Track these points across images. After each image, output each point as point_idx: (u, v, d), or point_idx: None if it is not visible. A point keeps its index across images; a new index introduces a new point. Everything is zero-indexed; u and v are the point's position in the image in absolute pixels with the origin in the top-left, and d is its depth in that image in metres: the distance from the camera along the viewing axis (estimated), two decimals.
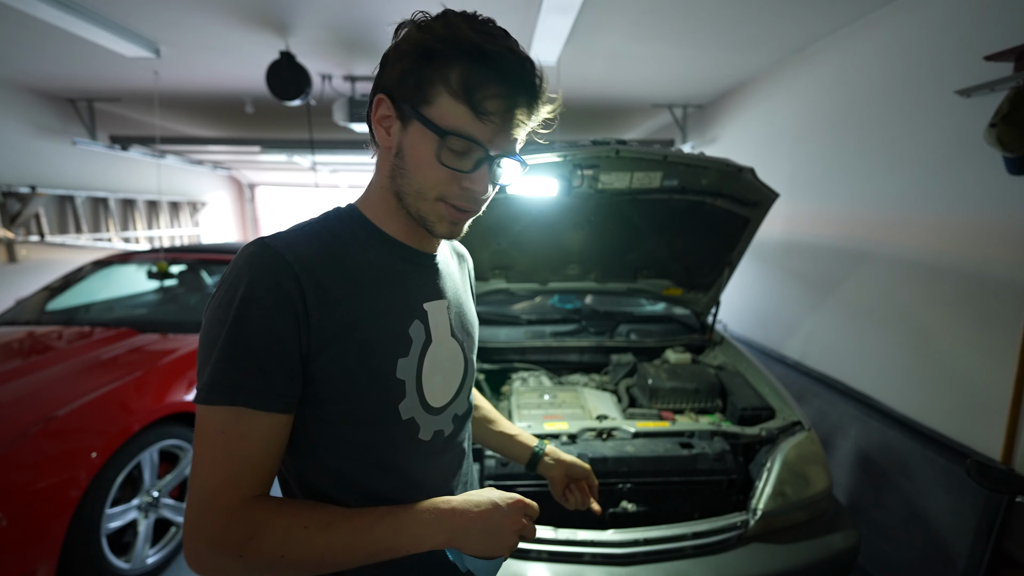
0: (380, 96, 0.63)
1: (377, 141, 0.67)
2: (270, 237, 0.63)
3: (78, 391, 1.94)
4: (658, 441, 1.61)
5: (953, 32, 1.91)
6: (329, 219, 0.69)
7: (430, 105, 0.60)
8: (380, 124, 0.65)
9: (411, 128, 0.62)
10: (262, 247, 0.60)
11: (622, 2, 2.29)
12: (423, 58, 0.59)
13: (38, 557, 1.62)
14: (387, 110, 0.63)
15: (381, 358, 0.65)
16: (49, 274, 3.74)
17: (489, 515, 0.65)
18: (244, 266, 0.59)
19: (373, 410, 0.66)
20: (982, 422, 1.77)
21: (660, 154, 1.73)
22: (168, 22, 2.56)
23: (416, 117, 0.61)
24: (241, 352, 0.57)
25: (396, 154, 0.64)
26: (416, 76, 0.60)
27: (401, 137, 0.63)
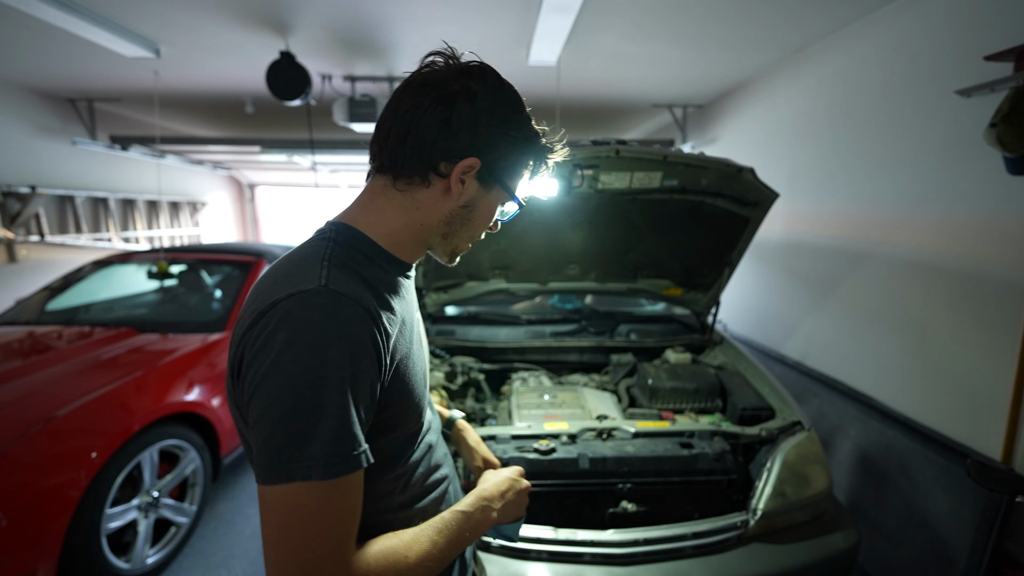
0: (475, 159, 0.67)
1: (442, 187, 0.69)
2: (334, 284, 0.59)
3: (78, 391, 1.94)
4: (658, 441, 1.61)
5: (953, 32, 1.91)
6: (341, 247, 0.67)
7: (515, 179, 0.73)
8: (459, 176, 0.68)
9: (493, 192, 0.72)
10: (336, 296, 0.58)
11: (622, 2, 2.29)
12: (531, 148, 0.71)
13: (38, 557, 1.62)
14: (470, 168, 0.68)
15: (418, 376, 0.72)
16: (49, 274, 3.75)
17: (512, 490, 0.82)
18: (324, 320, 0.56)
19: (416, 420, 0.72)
20: (982, 422, 1.77)
21: (660, 154, 1.73)
22: (168, 22, 2.56)
23: (503, 187, 0.72)
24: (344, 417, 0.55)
25: (464, 206, 0.71)
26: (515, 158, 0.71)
27: (477, 195, 0.71)
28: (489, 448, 1.55)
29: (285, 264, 0.65)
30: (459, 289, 2.45)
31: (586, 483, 1.51)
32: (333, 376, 0.55)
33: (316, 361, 0.54)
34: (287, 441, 0.54)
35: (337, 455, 0.54)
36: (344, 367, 0.55)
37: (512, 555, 1.36)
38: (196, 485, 2.29)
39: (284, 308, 0.56)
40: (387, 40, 2.80)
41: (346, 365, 0.56)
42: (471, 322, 2.59)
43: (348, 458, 0.55)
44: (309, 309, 0.56)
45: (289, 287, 0.58)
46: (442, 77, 0.66)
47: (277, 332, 0.55)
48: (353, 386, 0.56)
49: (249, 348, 0.58)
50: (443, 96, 0.65)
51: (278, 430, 0.54)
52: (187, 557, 2.19)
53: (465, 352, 2.26)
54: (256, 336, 0.57)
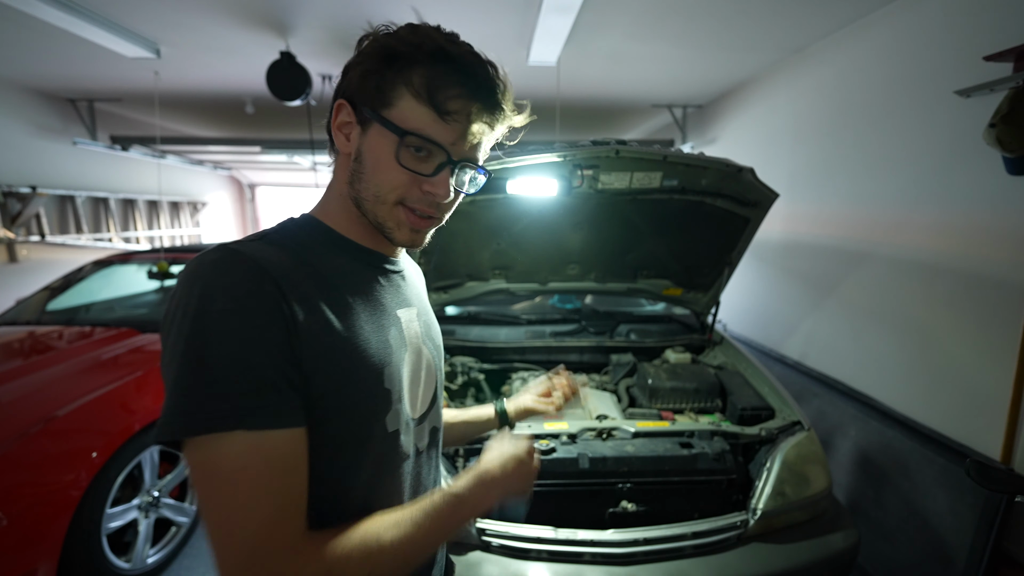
0: (340, 102, 0.63)
1: (336, 147, 0.66)
2: (234, 243, 0.57)
3: (79, 391, 1.94)
4: (658, 441, 1.61)
5: (953, 32, 1.91)
6: (288, 228, 0.66)
7: (391, 107, 0.60)
8: (340, 130, 0.64)
9: (370, 131, 0.61)
10: (230, 252, 0.55)
11: (622, 2, 2.29)
12: (386, 60, 0.60)
13: (39, 557, 1.62)
14: (347, 116, 0.63)
15: (369, 368, 0.61)
16: (49, 274, 3.75)
17: (518, 466, 0.73)
18: (213, 274, 0.53)
19: (362, 425, 0.61)
20: (982, 422, 1.77)
21: (660, 154, 1.73)
22: (168, 22, 2.56)
23: (376, 119, 0.60)
24: (238, 367, 0.50)
25: (355, 159, 0.63)
26: (377, 78, 0.60)
27: (360, 141, 0.62)
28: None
29: None
30: (459, 289, 2.45)
31: (586, 483, 1.51)
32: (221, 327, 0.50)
33: (202, 309, 0.51)
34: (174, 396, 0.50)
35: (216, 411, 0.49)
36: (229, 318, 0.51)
37: (512, 555, 1.36)
38: None
39: (186, 267, 0.55)
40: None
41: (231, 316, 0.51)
42: (471, 322, 2.59)
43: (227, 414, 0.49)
44: (203, 265, 0.54)
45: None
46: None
47: (176, 290, 0.54)
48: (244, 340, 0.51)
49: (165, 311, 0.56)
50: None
51: (179, 382, 0.50)
52: (187, 557, 2.19)
53: (465, 352, 2.26)
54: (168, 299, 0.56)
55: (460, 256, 2.22)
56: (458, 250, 2.18)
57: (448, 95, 0.59)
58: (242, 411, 0.49)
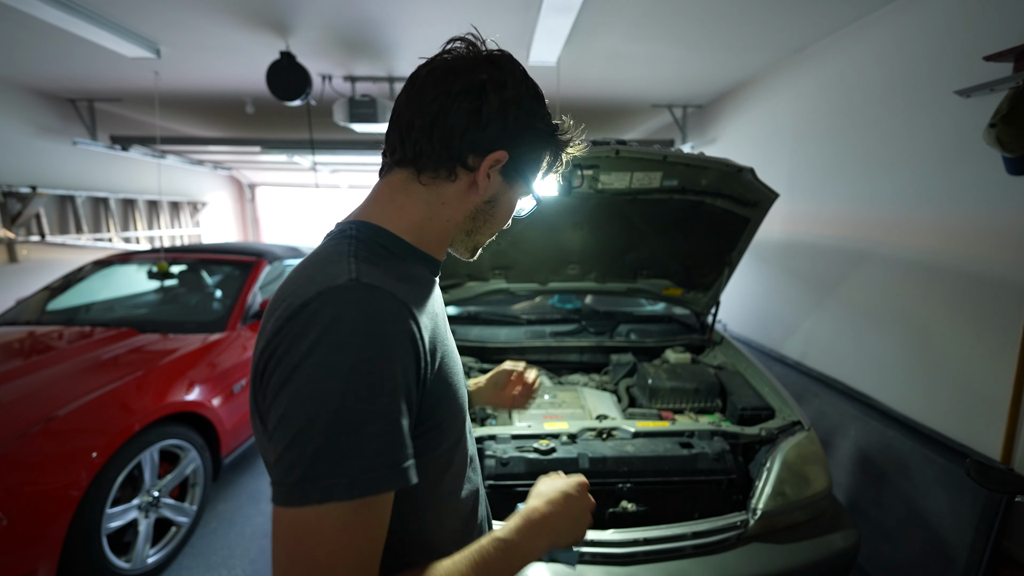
0: (503, 153, 0.65)
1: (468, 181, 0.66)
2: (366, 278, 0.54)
3: (79, 391, 1.94)
4: (658, 441, 1.61)
5: (952, 32, 1.91)
6: (366, 242, 0.62)
7: (533, 176, 0.70)
8: (487, 172, 0.65)
9: (515, 187, 0.70)
10: (370, 289, 0.52)
11: (622, 3, 2.29)
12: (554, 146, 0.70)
13: (39, 556, 1.62)
14: (497, 163, 0.66)
15: (460, 379, 0.67)
16: (49, 274, 3.75)
17: (569, 507, 0.69)
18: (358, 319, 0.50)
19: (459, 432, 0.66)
20: (981, 422, 1.77)
21: (660, 154, 1.73)
22: (168, 22, 2.56)
23: (526, 184, 0.70)
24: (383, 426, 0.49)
25: (488, 201, 0.68)
26: (540, 155, 0.69)
27: (501, 190, 0.68)
28: (489, 448, 1.56)
29: (307, 266, 0.58)
30: (459, 289, 2.45)
31: None
32: (366, 380, 0.48)
33: (347, 364, 0.48)
34: (309, 455, 0.47)
35: (370, 470, 0.47)
36: (380, 370, 0.49)
37: None
38: (196, 485, 2.29)
39: (313, 307, 0.50)
40: (387, 40, 2.81)
41: (383, 368, 0.49)
42: (471, 322, 2.59)
43: (385, 473, 0.48)
44: (339, 305, 0.50)
45: (316, 286, 0.52)
46: (468, 65, 0.62)
47: (305, 333, 0.49)
48: (391, 391, 0.49)
49: (275, 354, 0.51)
50: (471, 85, 0.61)
51: (297, 442, 0.47)
52: (187, 557, 2.19)
53: (465, 352, 2.26)
54: (281, 340, 0.51)
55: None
56: None
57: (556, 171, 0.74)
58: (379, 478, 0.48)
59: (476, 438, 1.45)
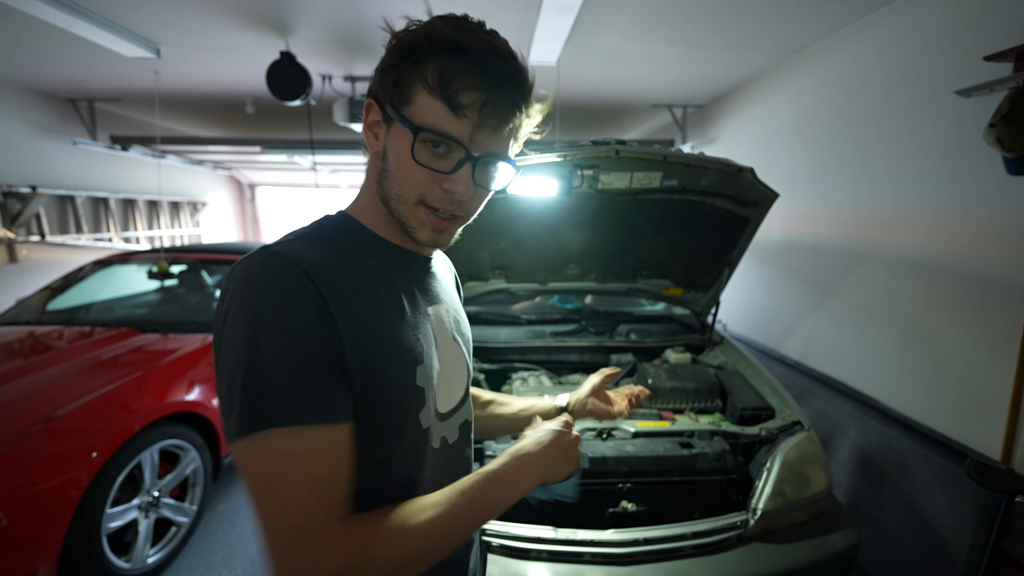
0: (369, 101, 0.64)
1: (367, 147, 0.67)
2: (275, 246, 0.59)
3: (79, 391, 1.94)
4: (658, 441, 1.61)
5: (952, 32, 1.91)
6: (325, 226, 0.67)
7: (409, 104, 0.59)
8: (370, 130, 0.65)
9: (393, 129, 0.62)
10: (272, 256, 0.57)
11: (622, 2, 2.29)
12: (401, 56, 0.59)
13: (39, 556, 1.62)
14: (376, 115, 0.64)
15: (402, 366, 0.63)
16: (50, 274, 3.74)
17: (557, 442, 0.70)
18: (258, 278, 0.55)
19: (396, 422, 0.63)
20: (981, 422, 1.77)
21: (660, 154, 1.73)
22: (168, 22, 2.56)
23: (395, 116, 0.60)
24: (287, 365, 0.52)
25: (382, 157, 0.64)
26: (395, 74, 0.60)
27: (386, 140, 0.63)
28: (489, 447, 1.56)
29: None
30: None
31: (586, 483, 1.51)
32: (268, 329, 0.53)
33: (251, 314, 0.53)
34: (241, 394, 0.52)
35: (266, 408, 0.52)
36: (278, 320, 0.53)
37: (512, 555, 1.36)
38: (196, 485, 2.30)
39: (232, 272, 0.57)
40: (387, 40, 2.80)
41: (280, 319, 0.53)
42: (471, 322, 2.57)
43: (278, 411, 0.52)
44: (248, 269, 0.56)
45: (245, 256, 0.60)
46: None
47: (225, 295, 0.57)
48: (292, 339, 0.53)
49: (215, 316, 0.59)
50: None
51: (233, 385, 0.53)
52: (187, 557, 2.19)
53: None
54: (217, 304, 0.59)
55: (460, 256, 2.22)
56: (458, 250, 2.16)
57: (460, 87, 0.57)
58: (292, 408, 0.52)
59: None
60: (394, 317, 0.64)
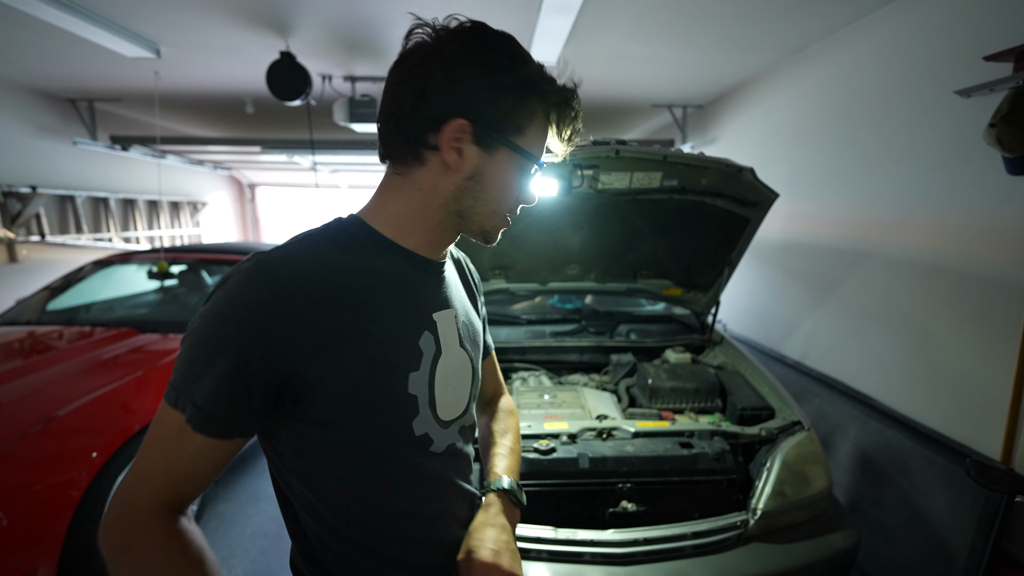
0: (462, 121, 0.61)
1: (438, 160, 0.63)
2: (268, 251, 0.61)
3: (79, 391, 1.94)
4: (658, 441, 1.61)
5: (952, 32, 1.91)
6: (332, 228, 0.67)
7: (522, 134, 0.64)
8: (451, 146, 0.62)
9: (498, 154, 0.64)
10: (256, 264, 0.58)
11: (622, 3, 2.29)
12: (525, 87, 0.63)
13: (39, 557, 1.62)
14: (463, 133, 0.62)
15: (391, 372, 0.63)
16: (49, 274, 3.75)
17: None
18: (235, 282, 0.58)
19: (386, 429, 0.64)
20: (982, 422, 1.77)
21: (660, 154, 1.73)
22: (168, 22, 2.56)
23: (508, 144, 0.63)
24: (200, 363, 0.56)
25: (470, 177, 0.64)
26: (512, 107, 0.63)
27: (480, 162, 0.64)
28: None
29: None
30: None
31: (586, 483, 1.51)
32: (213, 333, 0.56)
33: (211, 313, 0.57)
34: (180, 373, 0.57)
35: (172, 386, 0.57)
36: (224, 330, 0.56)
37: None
38: None
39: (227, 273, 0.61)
40: (387, 40, 2.80)
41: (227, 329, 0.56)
42: None
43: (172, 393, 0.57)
44: (235, 272, 0.59)
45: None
46: (415, 49, 0.62)
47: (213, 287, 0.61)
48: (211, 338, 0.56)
49: None
50: (416, 64, 0.61)
51: (179, 363, 0.58)
52: None
53: None
54: None
55: None
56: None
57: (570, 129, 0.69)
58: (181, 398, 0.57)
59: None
60: (388, 322, 0.64)
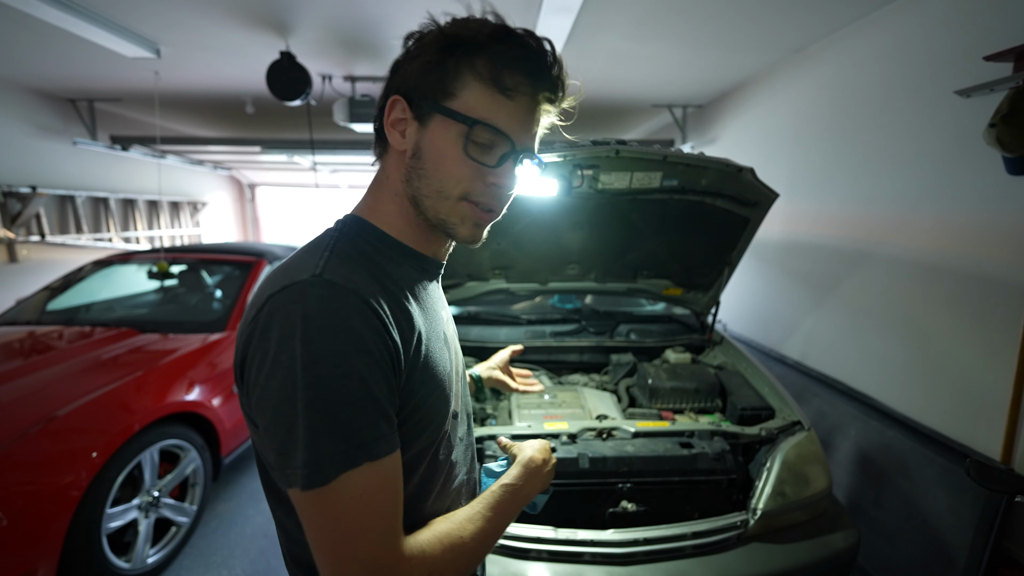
0: (395, 98, 0.61)
1: (391, 145, 0.63)
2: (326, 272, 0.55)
3: (79, 391, 1.94)
4: (658, 441, 1.61)
5: (952, 32, 1.91)
6: (350, 237, 0.63)
7: (455, 98, 0.58)
8: (394, 127, 0.62)
9: (432, 124, 0.60)
10: (329, 286, 0.53)
11: (622, 2, 2.29)
12: (447, 49, 0.58)
13: (39, 557, 1.62)
14: (402, 112, 0.61)
15: (443, 376, 0.64)
16: (49, 274, 3.75)
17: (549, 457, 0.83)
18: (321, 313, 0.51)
19: (434, 433, 0.64)
20: (981, 422, 1.77)
21: (660, 154, 1.73)
22: (168, 22, 2.56)
23: (439, 110, 0.59)
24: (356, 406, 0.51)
25: (412, 155, 0.61)
26: (439, 69, 0.58)
27: (419, 137, 0.61)
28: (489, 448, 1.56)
29: (289, 259, 0.61)
30: (459, 289, 2.45)
31: (586, 483, 1.51)
32: (333, 370, 0.50)
33: (312, 358, 0.50)
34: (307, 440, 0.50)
35: (337, 454, 0.50)
36: (351, 358, 0.51)
37: (512, 555, 1.36)
38: (196, 485, 2.30)
39: (277, 302, 0.53)
40: (387, 40, 2.80)
41: (353, 356, 0.51)
42: (471, 322, 2.59)
43: (352, 454, 0.51)
44: (301, 301, 0.52)
45: (285, 280, 0.54)
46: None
47: (270, 329, 0.52)
48: (360, 380, 0.51)
49: (249, 349, 0.55)
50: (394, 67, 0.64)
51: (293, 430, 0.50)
52: (187, 557, 2.19)
53: (465, 352, 2.26)
54: (251, 334, 0.54)
55: (460, 256, 2.22)
56: (458, 250, 2.17)
57: (514, 76, 0.58)
58: (364, 447, 0.51)
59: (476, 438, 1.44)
60: (428, 332, 0.63)
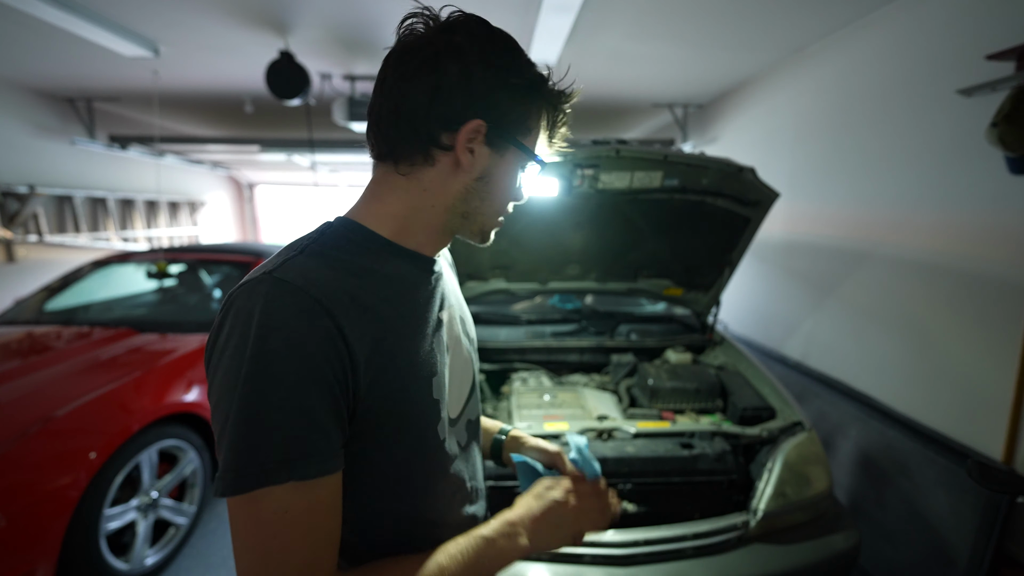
0: (478, 122, 0.59)
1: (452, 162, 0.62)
2: (280, 270, 0.54)
3: (77, 391, 1.93)
4: (658, 441, 1.61)
5: (954, 31, 1.90)
6: (330, 235, 0.62)
7: (529, 135, 0.65)
8: (466, 147, 0.61)
9: (507, 154, 0.64)
10: (278, 284, 0.52)
11: (622, 2, 2.28)
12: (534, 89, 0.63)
13: (37, 557, 1.61)
14: (476, 133, 0.60)
15: (421, 381, 0.61)
16: (48, 274, 3.74)
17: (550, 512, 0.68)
18: (263, 312, 0.50)
19: (417, 439, 0.62)
20: (983, 422, 1.77)
21: (660, 154, 1.72)
22: (168, 22, 2.56)
23: (518, 146, 0.64)
24: (290, 414, 0.49)
25: (479, 178, 0.63)
26: (524, 110, 0.63)
27: (492, 162, 0.63)
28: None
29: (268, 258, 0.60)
30: None
31: None
32: (271, 372, 0.49)
33: (253, 354, 0.49)
34: (239, 446, 0.48)
35: (263, 464, 0.48)
36: (284, 360, 0.49)
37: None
38: (195, 485, 2.29)
39: (232, 299, 0.53)
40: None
41: (286, 359, 0.49)
42: None
43: (276, 468, 0.48)
44: (250, 299, 0.51)
45: (246, 278, 0.55)
46: (422, 39, 0.59)
47: (223, 326, 0.52)
48: (296, 383, 0.49)
49: (207, 346, 0.54)
50: (426, 59, 0.58)
51: (224, 432, 0.49)
52: (186, 557, 2.18)
53: None
54: (211, 333, 0.54)
55: (460, 256, 2.22)
56: (458, 250, 2.17)
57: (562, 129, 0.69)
58: (293, 465, 0.49)
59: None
60: (410, 331, 0.62)
